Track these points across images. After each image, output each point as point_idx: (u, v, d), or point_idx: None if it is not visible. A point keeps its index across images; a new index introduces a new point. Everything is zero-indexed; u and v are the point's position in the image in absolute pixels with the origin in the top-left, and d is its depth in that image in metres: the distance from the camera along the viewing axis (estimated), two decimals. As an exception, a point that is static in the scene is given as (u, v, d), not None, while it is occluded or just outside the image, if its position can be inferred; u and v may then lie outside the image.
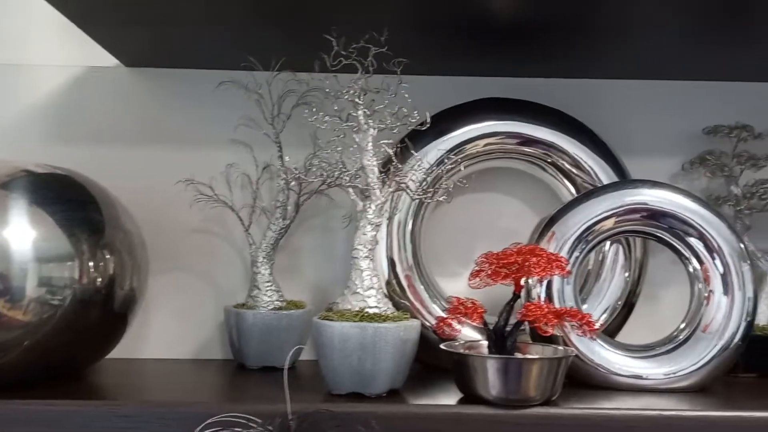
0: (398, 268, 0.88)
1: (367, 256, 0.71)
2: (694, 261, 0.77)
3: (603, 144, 0.92)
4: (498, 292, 0.76)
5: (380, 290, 0.71)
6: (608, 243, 0.89)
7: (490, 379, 0.65)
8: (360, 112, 0.74)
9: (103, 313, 0.74)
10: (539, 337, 0.78)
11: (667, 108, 0.98)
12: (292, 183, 0.87)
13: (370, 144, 0.73)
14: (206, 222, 0.95)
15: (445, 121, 0.89)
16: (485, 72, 0.95)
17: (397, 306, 0.86)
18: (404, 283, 0.88)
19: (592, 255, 0.90)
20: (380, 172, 0.74)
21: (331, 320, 0.68)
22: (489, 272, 0.70)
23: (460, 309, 0.69)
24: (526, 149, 0.91)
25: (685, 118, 0.97)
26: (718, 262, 0.76)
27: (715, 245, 0.77)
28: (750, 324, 0.76)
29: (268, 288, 0.87)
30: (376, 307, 0.69)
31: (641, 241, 0.89)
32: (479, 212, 0.98)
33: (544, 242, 0.80)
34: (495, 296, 0.76)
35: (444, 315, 0.69)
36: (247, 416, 0.60)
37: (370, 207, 0.71)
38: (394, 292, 0.88)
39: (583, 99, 0.97)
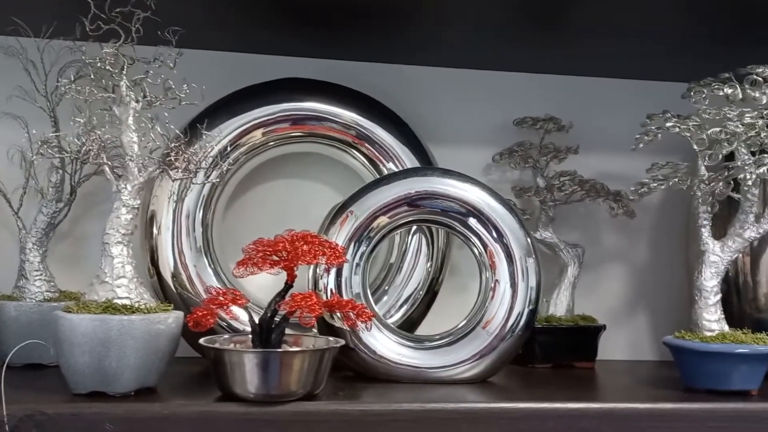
0: (186, 258, 0.82)
1: (120, 242, 0.64)
2: (479, 246, 0.76)
3: (410, 132, 0.89)
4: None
5: (134, 279, 0.64)
6: (411, 232, 0.87)
7: (248, 375, 0.61)
8: (122, 83, 0.67)
9: None
10: (325, 330, 0.74)
11: (481, 98, 0.97)
12: (68, 162, 0.79)
13: (131, 118, 0.67)
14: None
15: (241, 100, 0.84)
16: (289, 51, 0.91)
17: (180, 298, 0.81)
18: (192, 273, 0.82)
19: (397, 245, 0.88)
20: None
21: (70, 312, 0.61)
22: (256, 260, 0.65)
23: (217, 299, 0.64)
24: (331, 133, 0.87)
25: (499, 108, 0.97)
26: (502, 249, 0.75)
27: (500, 233, 0.76)
28: (533, 313, 0.76)
29: (37, 278, 0.79)
30: (126, 297, 0.63)
31: (444, 231, 0.87)
32: (290, 199, 0.94)
33: (334, 229, 0.76)
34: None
35: (200, 307, 0.64)
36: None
37: (125, 188, 0.65)
38: (180, 284, 0.81)
39: (395, 85, 0.94)
